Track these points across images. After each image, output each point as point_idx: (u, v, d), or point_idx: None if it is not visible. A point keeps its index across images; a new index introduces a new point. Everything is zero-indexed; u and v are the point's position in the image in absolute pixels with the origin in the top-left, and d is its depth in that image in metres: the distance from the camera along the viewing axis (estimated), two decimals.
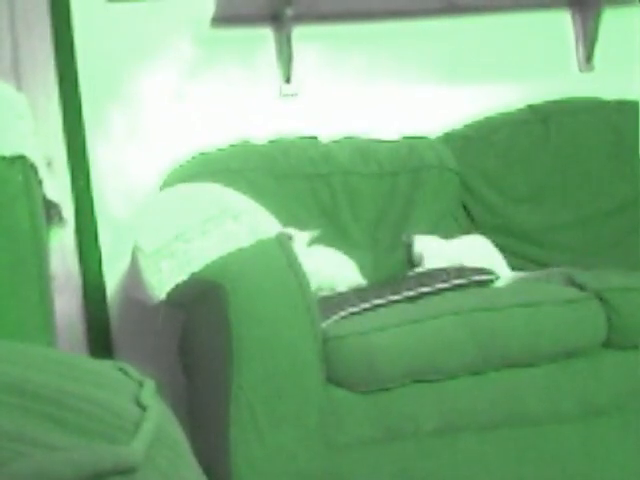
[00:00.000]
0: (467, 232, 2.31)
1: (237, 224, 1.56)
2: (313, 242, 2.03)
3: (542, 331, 1.72)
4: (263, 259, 1.57)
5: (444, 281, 1.89)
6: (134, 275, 1.64)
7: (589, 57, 2.59)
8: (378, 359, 1.61)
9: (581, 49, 2.60)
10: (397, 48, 2.48)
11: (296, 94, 2.42)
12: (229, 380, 1.54)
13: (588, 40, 2.57)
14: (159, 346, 2.25)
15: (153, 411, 0.60)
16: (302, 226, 2.10)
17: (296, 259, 1.61)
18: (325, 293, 1.95)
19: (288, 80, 2.40)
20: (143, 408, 0.60)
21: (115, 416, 0.56)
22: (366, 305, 1.78)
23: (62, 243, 2.23)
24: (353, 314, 1.75)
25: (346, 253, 2.10)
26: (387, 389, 1.63)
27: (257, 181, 2.14)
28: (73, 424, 0.52)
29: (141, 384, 0.66)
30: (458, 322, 1.68)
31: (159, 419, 0.60)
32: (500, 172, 2.35)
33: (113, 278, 2.28)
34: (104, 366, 0.69)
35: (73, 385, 0.58)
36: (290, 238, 1.88)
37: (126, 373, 0.69)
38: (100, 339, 2.29)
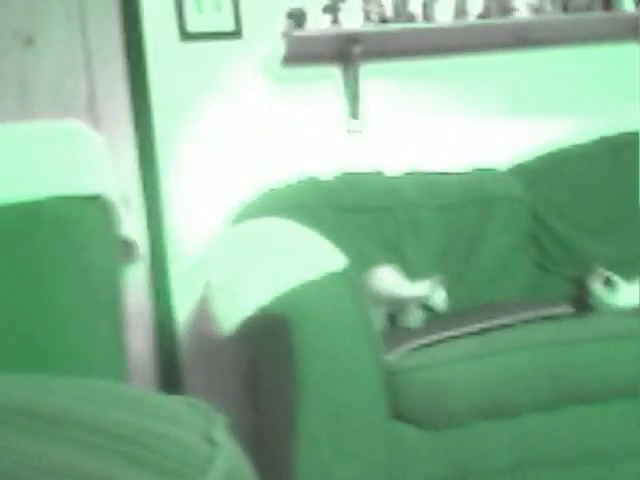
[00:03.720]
0: (539, 264, 2.28)
1: (303, 259, 1.57)
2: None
3: (614, 366, 1.68)
4: (329, 293, 1.58)
5: (513, 314, 1.87)
6: (204, 310, 1.67)
7: None
8: (445, 394, 1.60)
9: None
10: (464, 82, 2.48)
11: (363, 130, 2.44)
12: (295, 414, 1.54)
13: None
14: (228, 381, 2.27)
15: (224, 448, 0.61)
16: (368, 260, 2.11)
17: (362, 294, 1.61)
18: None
19: (355, 116, 2.42)
20: (215, 445, 0.61)
21: (187, 453, 0.57)
22: (433, 338, 1.77)
23: (134, 279, 2.26)
24: (420, 347, 1.74)
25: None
26: (455, 425, 1.61)
27: (323, 215, 2.15)
28: (148, 462, 0.53)
29: (212, 420, 0.67)
30: (528, 356, 1.65)
31: (230, 456, 0.61)
32: (572, 204, 2.32)
33: (183, 313, 2.31)
34: (175, 402, 0.70)
35: (147, 422, 0.59)
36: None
37: (197, 409, 0.70)
38: (170, 374, 2.31)
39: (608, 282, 2.08)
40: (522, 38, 2.47)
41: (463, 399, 1.61)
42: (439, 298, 2.08)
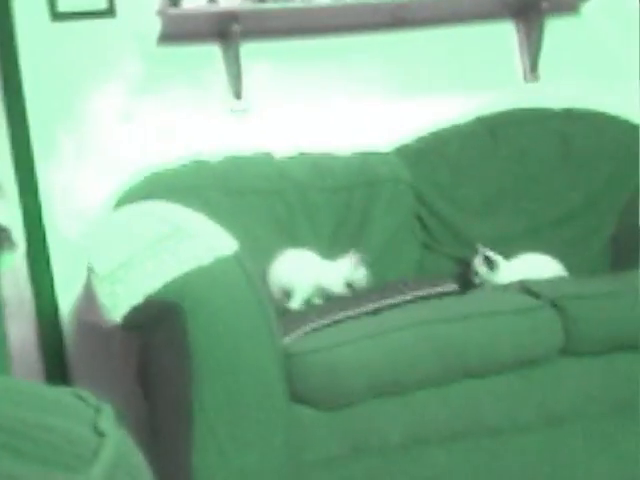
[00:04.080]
0: (425, 245, 2.32)
1: (192, 243, 1.54)
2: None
3: (499, 341, 1.73)
4: (221, 278, 1.55)
5: (402, 293, 1.90)
6: (89, 298, 1.61)
7: (534, 67, 2.63)
8: (340, 375, 1.60)
9: (526, 59, 2.64)
10: (346, 63, 2.49)
11: (247, 110, 2.41)
12: (190, 403, 1.52)
13: (532, 50, 2.61)
14: (117, 370, 2.21)
15: (112, 438, 0.59)
16: (259, 242, 2.09)
17: (254, 277, 1.60)
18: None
19: (238, 96, 2.39)
20: (101, 435, 0.59)
21: (73, 444, 0.55)
22: (328, 320, 1.78)
23: (14, 268, 2.18)
24: (315, 330, 1.74)
25: None
26: (351, 404, 1.62)
27: (211, 198, 2.12)
28: (30, 453, 0.52)
29: (99, 410, 0.65)
30: (418, 334, 1.68)
31: (118, 446, 0.59)
32: (452, 184, 2.37)
33: (67, 302, 2.24)
34: (61, 393, 0.68)
35: (30, 413, 0.57)
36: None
37: (83, 399, 0.68)
38: (56, 364, 2.25)
39: (489, 261, 2.14)
40: (400, 18, 2.49)
41: (357, 379, 1.62)
42: (360, 274, 2.07)
